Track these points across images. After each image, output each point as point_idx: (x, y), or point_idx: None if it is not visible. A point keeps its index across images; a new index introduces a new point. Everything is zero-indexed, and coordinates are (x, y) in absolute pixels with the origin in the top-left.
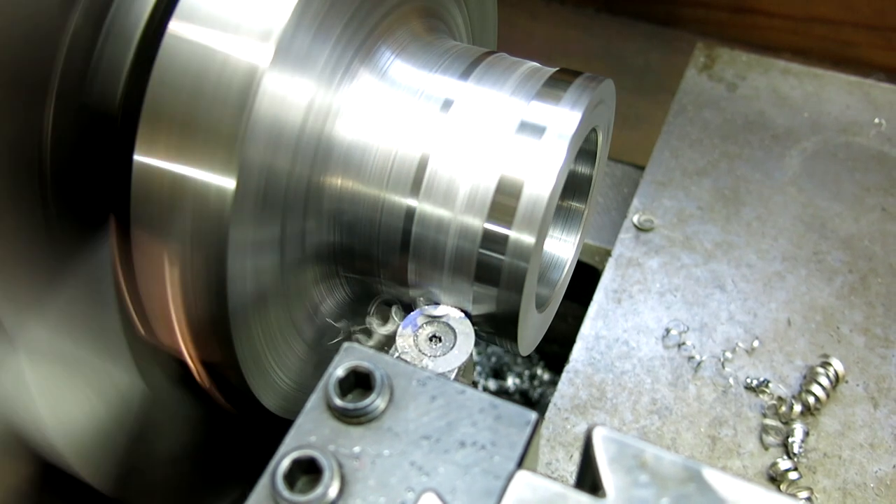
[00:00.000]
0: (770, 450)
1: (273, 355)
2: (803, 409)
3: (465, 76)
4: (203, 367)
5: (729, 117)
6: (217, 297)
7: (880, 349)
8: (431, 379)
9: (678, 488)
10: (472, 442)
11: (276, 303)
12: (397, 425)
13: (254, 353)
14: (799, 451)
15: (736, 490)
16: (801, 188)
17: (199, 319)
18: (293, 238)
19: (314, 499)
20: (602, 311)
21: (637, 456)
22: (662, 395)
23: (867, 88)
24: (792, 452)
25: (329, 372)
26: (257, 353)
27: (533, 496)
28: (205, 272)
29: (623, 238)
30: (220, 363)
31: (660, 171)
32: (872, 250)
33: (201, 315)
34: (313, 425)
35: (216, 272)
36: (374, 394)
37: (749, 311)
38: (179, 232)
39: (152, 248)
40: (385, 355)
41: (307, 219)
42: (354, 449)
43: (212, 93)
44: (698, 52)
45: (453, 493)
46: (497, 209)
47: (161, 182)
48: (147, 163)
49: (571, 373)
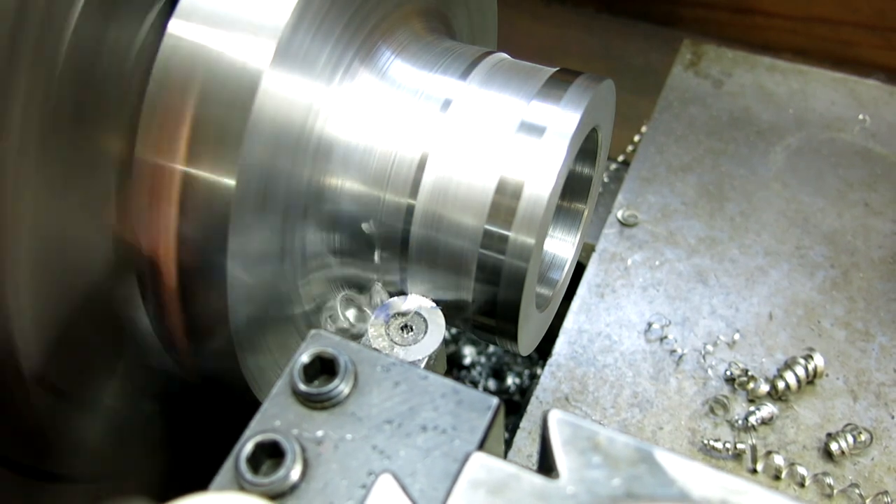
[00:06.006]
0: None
1: (275, 356)
2: (771, 389)
3: (465, 76)
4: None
5: (714, 114)
6: (217, 297)
7: (861, 343)
8: (395, 365)
9: (630, 469)
10: (434, 426)
11: (276, 303)
12: (360, 410)
13: (254, 353)
14: (741, 424)
15: (685, 470)
16: (785, 184)
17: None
18: (293, 238)
19: (276, 481)
20: (585, 305)
21: (591, 438)
22: (644, 388)
23: (852, 85)
24: (734, 422)
25: (294, 358)
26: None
27: (487, 477)
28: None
29: (607, 233)
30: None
31: (645, 167)
32: (855, 245)
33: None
34: (278, 410)
35: (216, 273)
36: (337, 379)
37: (731, 306)
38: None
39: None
40: (351, 342)
41: (307, 219)
42: (318, 433)
43: (212, 92)
44: (685, 49)
45: (413, 476)
46: (497, 209)
47: (161, 181)
48: (147, 161)
49: (554, 366)
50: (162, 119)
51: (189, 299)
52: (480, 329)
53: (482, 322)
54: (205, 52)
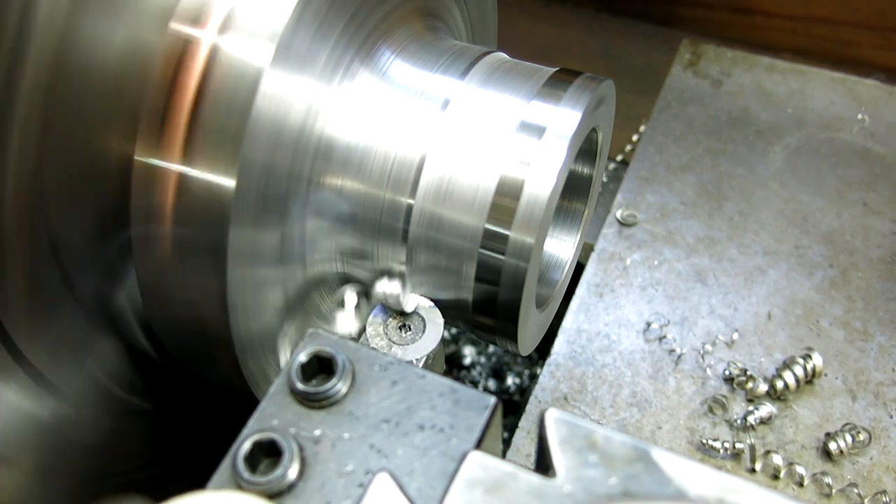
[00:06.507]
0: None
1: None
2: (769, 389)
3: (465, 76)
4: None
5: (713, 113)
6: (217, 299)
7: (859, 342)
8: (393, 364)
9: (626, 468)
10: (431, 425)
11: (276, 303)
12: (358, 409)
13: (254, 353)
14: (740, 424)
15: (682, 469)
16: (784, 183)
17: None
18: (293, 238)
19: (273, 480)
20: (584, 304)
21: (587, 437)
22: (642, 387)
23: (851, 84)
24: (733, 422)
25: (292, 357)
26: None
27: (484, 475)
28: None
29: (606, 233)
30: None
31: (644, 167)
32: (853, 245)
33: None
34: (276, 409)
35: (216, 274)
36: (335, 378)
37: (730, 305)
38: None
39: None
40: (349, 341)
41: (306, 219)
42: (315, 432)
43: (212, 92)
44: (684, 49)
45: (410, 475)
46: (497, 209)
47: (161, 182)
48: (147, 162)
49: (553, 366)
50: (162, 120)
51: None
52: (480, 329)
53: (482, 322)
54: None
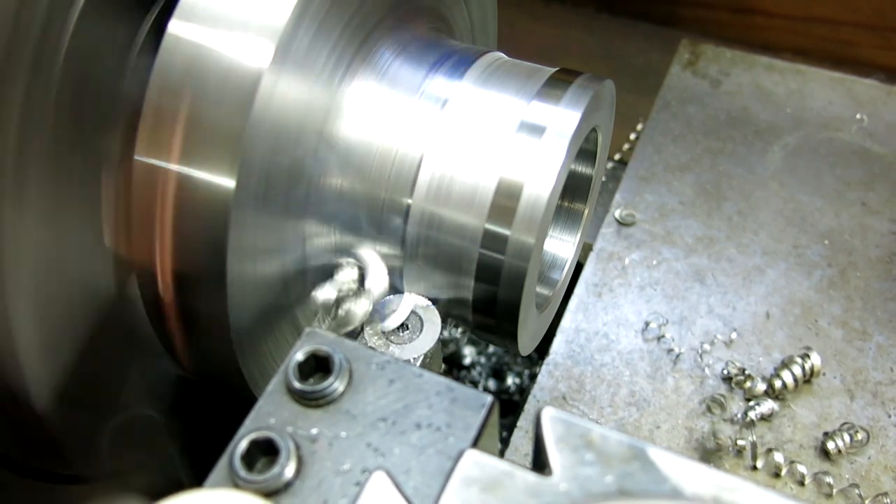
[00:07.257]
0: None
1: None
2: (768, 388)
3: (464, 76)
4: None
5: (712, 113)
6: (217, 298)
7: (858, 342)
8: (390, 363)
9: (622, 466)
10: (428, 424)
11: (275, 303)
12: (355, 408)
13: (253, 352)
14: (741, 419)
15: (678, 467)
16: (783, 183)
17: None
18: (292, 239)
19: (270, 478)
20: (582, 304)
21: (584, 435)
22: (641, 387)
23: (849, 84)
24: (734, 418)
25: (289, 356)
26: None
27: (480, 474)
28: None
29: (604, 232)
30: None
31: (643, 167)
32: (852, 244)
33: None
34: (273, 408)
35: (216, 274)
36: (332, 377)
37: (728, 305)
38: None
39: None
40: (346, 340)
41: (306, 219)
42: (312, 431)
43: (212, 93)
44: (683, 49)
45: (407, 474)
46: (497, 209)
47: (161, 182)
48: (147, 163)
49: (551, 365)
50: (161, 120)
51: (188, 301)
52: (480, 329)
53: (482, 322)
54: (205, 52)
